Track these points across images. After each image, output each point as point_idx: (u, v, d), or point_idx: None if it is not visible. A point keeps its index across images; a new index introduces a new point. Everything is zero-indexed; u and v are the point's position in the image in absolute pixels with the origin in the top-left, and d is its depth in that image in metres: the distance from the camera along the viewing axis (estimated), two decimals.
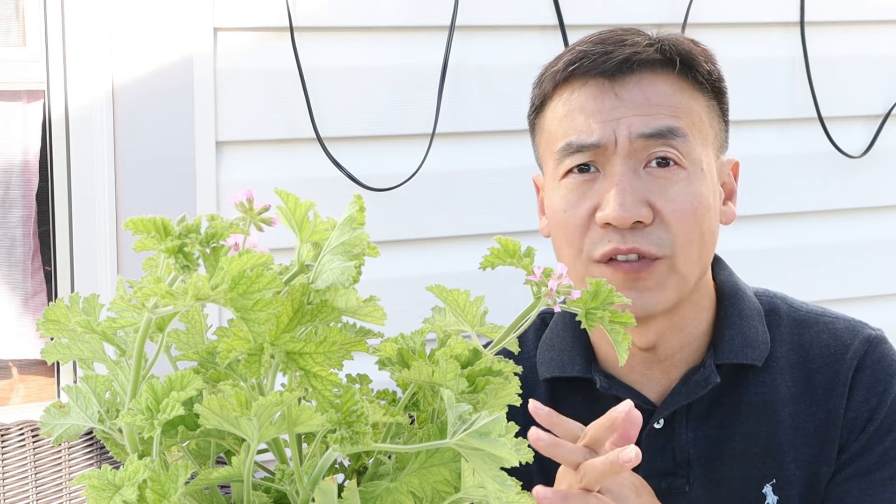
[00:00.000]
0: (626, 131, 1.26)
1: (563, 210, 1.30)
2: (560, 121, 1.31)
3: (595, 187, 1.28)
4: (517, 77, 2.29)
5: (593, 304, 0.90)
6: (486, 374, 0.86)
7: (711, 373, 1.30)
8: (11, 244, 2.12)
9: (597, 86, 1.28)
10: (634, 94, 1.27)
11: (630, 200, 1.24)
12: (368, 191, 2.11)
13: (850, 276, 2.53)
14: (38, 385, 2.22)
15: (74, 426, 0.89)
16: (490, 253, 0.90)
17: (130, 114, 2.01)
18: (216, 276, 0.77)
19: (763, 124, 2.44)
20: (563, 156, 1.29)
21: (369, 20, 2.14)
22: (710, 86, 1.32)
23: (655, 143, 1.26)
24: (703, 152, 1.29)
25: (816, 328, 1.35)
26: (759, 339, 1.33)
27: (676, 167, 1.27)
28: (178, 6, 2.02)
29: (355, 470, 0.89)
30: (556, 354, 1.37)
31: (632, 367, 1.34)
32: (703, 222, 1.28)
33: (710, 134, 1.32)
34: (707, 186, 1.29)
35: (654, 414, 1.32)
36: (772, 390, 1.32)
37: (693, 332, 1.33)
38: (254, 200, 0.83)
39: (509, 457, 0.77)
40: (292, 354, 0.81)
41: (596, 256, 1.27)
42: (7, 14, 2.05)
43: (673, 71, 1.29)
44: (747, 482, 1.32)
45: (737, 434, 1.32)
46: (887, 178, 2.54)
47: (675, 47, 1.29)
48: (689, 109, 1.29)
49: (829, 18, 2.45)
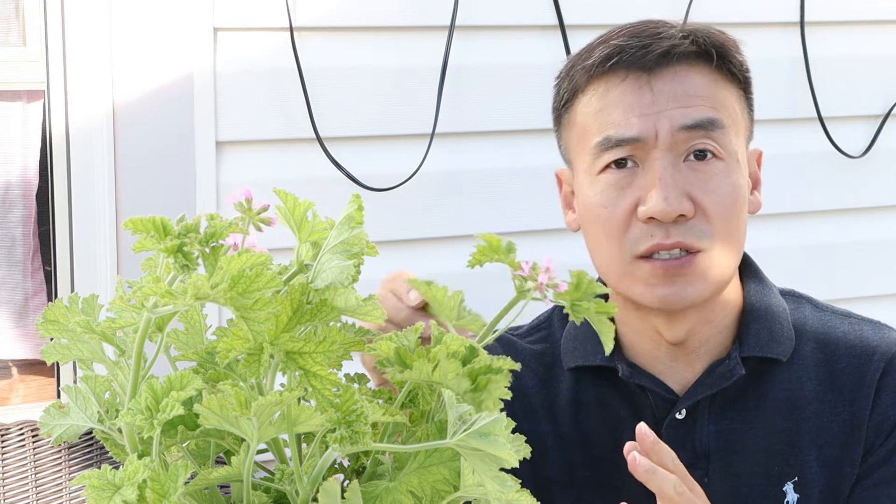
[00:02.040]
0: (667, 124, 1.26)
1: (604, 206, 1.29)
2: (595, 115, 1.30)
3: (635, 182, 1.27)
4: (517, 77, 2.30)
5: (577, 296, 0.90)
6: (486, 373, 0.86)
7: (736, 364, 1.30)
8: (11, 244, 2.12)
9: (635, 80, 1.28)
10: (673, 86, 1.27)
11: (673, 194, 1.24)
12: (368, 191, 2.11)
13: (850, 276, 2.53)
14: (38, 385, 2.22)
15: (74, 426, 0.89)
16: (477, 251, 0.90)
17: (130, 114, 2.01)
18: (215, 275, 0.77)
19: (763, 124, 2.42)
20: (602, 150, 1.29)
21: (369, 20, 2.14)
22: (741, 76, 1.32)
23: (696, 135, 1.26)
24: (737, 143, 1.30)
25: (842, 329, 1.35)
26: (784, 335, 1.33)
27: (715, 159, 1.27)
28: (179, 6, 2.02)
29: (354, 470, 0.89)
30: (579, 344, 1.37)
31: (656, 357, 1.34)
32: (741, 214, 1.29)
33: (742, 125, 1.33)
34: (743, 177, 1.30)
35: (676, 404, 1.32)
36: (797, 387, 1.32)
37: (720, 324, 1.33)
38: (252, 200, 0.83)
39: (509, 457, 0.77)
40: (292, 354, 0.81)
41: (639, 252, 1.27)
42: (7, 14, 2.05)
43: (709, 63, 1.29)
44: (768, 478, 1.32)
45: (759, 429, 1.32)
46: (887, 178, 2.54)
47: (709, 39, 1.30)
48: (725, 101, 1.30)
49: (829, 18, 2.45)
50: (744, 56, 1.33)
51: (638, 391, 1.33)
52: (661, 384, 1.33)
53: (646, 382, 1.33)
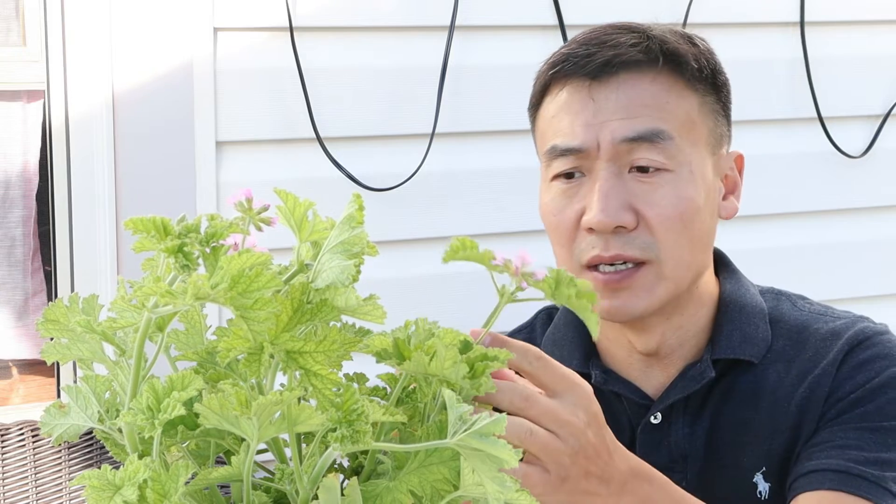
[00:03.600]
0: (608, 136, 1.25)
1: (553, 214, 1.30)
2: (549, 121, 1.31)
3: (580, 191, 1.27)
4: (517, 77, 2.29)
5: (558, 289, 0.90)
6: (483, 360, 0.87)
7: (707, 367, 1.30)
8: (11, 244, 2.12)
9: (579, 88, 1.27)
10: (617, 96, 1.26)
11: (612, 206, 1.24)
12: (368, 191, 2.11)
13: (849, 276, 2.53)
14: (38, 385, 2.22)
15: (74, 426, 0.89)
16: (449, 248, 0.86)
17: (130, 114, 2.01)
18: (216, 275, 0.77)
19: (763, 124, 2.44)
20: (550, 159, 1.30)
21: (369, 20, 2.14)
22: (704, 81, 1.29)
23: (640, 147, 1.25)
24: (692, 153, 1.27)
25: (817, 325, 1.35)
26: (758, 336, 1.32)
27: (661, 171, 1.26)
28: (179, 6, 2.02)
29: (354, 470, 0.89)
30: (556, 349, 1.37)
31: (630, 364, 1.34)
32: (692, 225, 1.27)
33: (703, 132, 1.29)
34: (696, 188, 1.27)
35: (650, 408, 1.32)
36: (761, 378, 1.32)
37: (694, 328, 1.33)
38: (253, 200, 0.83)
39: (509, 458, 0.77)
40: (292, 353, 0.81)
41: (584, 262, 1.27)
42: (7, 14, 2.05)
43: (657, 70, 1.27)
44: (739, 471, 1.32)
45: (727, 423, 1.32)
46: (887, 178, 2.54)
47: (661, 45, 1.27)
48: (676, 109, 1.27)
49: (829, 18, 2.45)
50: (710, 59, 1.30)
51: (613, 397, 1.34)
52: (635, 390, 1.33)
53: (620, 389, 1.33)
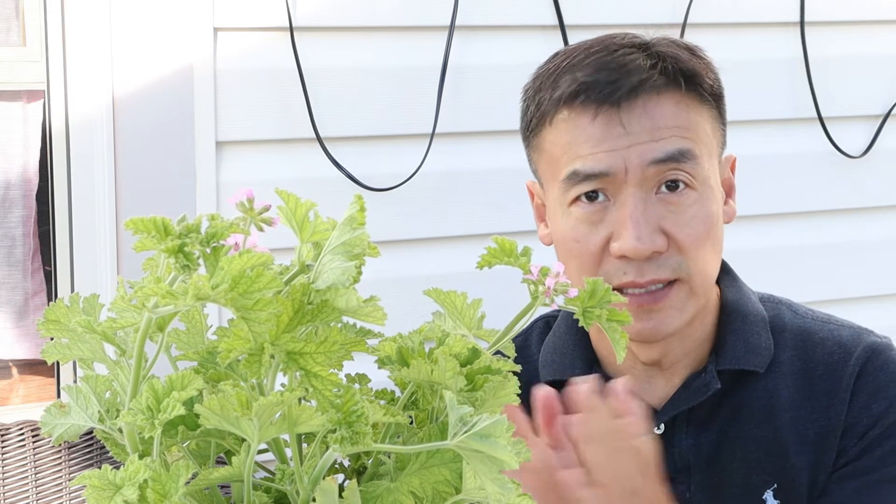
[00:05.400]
0: (636, 159, 1.23)
1: (576, 240, 1.27)
2: (564, 147, 1.27)
3: (607, 217, 1.25)
4: (517, 77, 2.29)
5: (590, 303, 0.90)
6: (485, 373, 0.86)
7: (712, 378, 1.30)
8: (11, 244, 2.12)
9: (604, 115, 1.25)
10: (642, 120, 1.24)
11: (646, 232, 1.22)
12: (368, 191, 2.11)
13: (849, 277, 2.53)
14: (38, 385, 2.22)
15: (74, 426, 0.89)
16: (487, 252, 0.90)
17: (130, 114, 2.01)
18: (216, 275, 0.77)
19: (763, 124, 2.44)
20: (571, 184, 1.27)
21: (369, 20, 2.14)
22: (713, 95, 1.30)
23: (667, 168, 1.24)
24: (710, 167, 1.28)
25: (821, 335, 1.34)
26: (761, 345, 1.32)
27: (687, 189, 1.25)
28: (179, 6, 2.02)
29: (355, 470, 0.89)
30: (557, 357, 1.37)
31: (633, 374, 1.33)
32: (715, 239, 1.28)
33: (715, 143, 1.30)
34: (716, 201, 1.28)
35: (653, 419, 1.32)
36: (773, 395, 1.31)
37: (697, 338, 1.32)
38: (254, 200, 0.83)
39: (510, 459, 0.76)
40: (293, 354, 0.81)
41: (613, 286, 1.26)
42: (7, 14, 2.05)
43: (679, 90, 1.27)
44: (748, 488, 1.31)
45: (737, 439, 1.32)
46: (887, 178, 2.54)
47: (677, 65, 1.27)
48: (696, 126, 1.27)
49: (829, 18, 2.45)
50: (716, 73, 1.31)
51: None
52: None
53: None
